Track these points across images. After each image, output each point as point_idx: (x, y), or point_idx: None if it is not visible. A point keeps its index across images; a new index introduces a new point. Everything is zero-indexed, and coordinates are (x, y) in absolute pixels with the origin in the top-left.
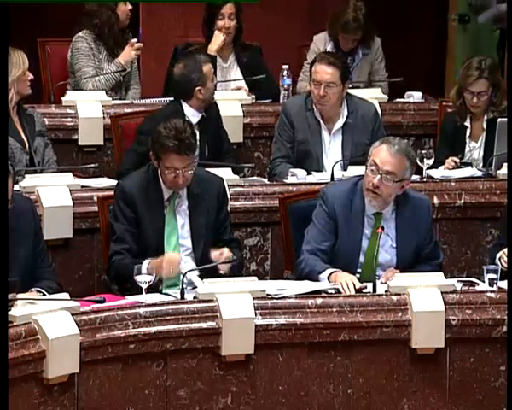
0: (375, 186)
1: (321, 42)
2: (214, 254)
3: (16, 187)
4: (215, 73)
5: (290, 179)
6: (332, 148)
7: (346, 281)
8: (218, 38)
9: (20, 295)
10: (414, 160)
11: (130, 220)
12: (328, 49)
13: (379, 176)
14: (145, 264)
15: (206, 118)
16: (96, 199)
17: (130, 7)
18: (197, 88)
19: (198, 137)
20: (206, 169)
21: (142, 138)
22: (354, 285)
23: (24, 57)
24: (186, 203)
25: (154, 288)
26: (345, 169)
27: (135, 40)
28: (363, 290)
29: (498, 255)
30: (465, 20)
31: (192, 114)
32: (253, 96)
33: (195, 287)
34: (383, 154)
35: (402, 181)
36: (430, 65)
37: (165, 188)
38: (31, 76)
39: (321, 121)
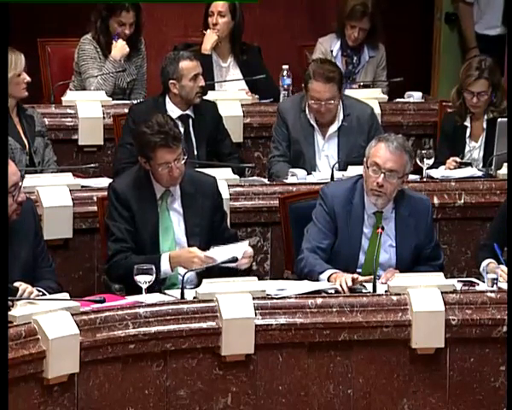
0: (379, 185)
1: (327, 42)
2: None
3: None
4: (211, 72)
5: (290, 179)
6: (325, 150)
7: (344, 278)
8: (209, 37)
9: (20, 287)
10: (412, 153)
11: (127, 219)
12: (335, 49)
13: (382, 175)
14: (165, 258)
15: (199, 118)
16: (95, 199)
17: (127, 31)
18: (171, 81)
19: (193, 137)
20: (199, 170)
21: (129, 128)
22: (353, 280)
23: (19, 58)
24: (179, 202)
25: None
26: (344, 169)
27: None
28: (364, 290)
29: (484, 264)
30: (451, 20)
31: (171, 109)
32: (257, 97)
33: (196, 286)
34: (383, 152)
35: (404, 176)
36: (416, 64)
37: (156, 186)
38: (27, 78)
39: (315, 125)
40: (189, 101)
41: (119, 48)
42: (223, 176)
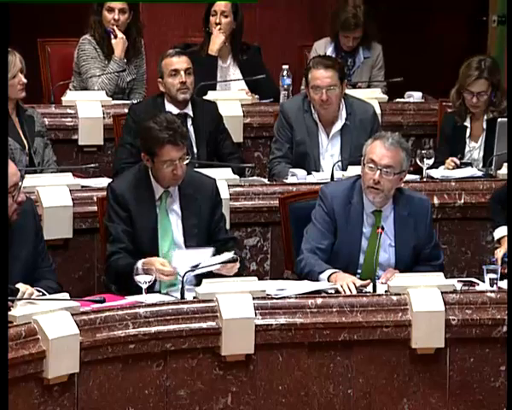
0: (376, 182)
1: (321, 47)
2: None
3: None
4: (215, 72)
5: (290, 179)
6: (329, 150)
7: (346, 283)
8: (217, 38)
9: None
10: (408, 150)
11: (125, 220)
12: (329, 53)
13: (378, 171)
14: (139, 264)
15: (199, 118)
16: (95, 199)
17: (116, 17)
18: (158, 80)
19: (193, 136)
20: (198, 170)
21: (129, 128)
22: (355, 285)
23: (12, 61)
24: (178, 203)
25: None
26: (344, 169)
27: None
28: (364, 290)
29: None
30: (503, 21)
31: (169, 109)
32: (257, 97)
33: (197, 284)
34: (378, 149)
35: (401, 173)
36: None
37: (156, 187)
38: (22, 80)
39: (319, 124)
40: (174, 98)
41: (119, 45)
42: (223, 176)
